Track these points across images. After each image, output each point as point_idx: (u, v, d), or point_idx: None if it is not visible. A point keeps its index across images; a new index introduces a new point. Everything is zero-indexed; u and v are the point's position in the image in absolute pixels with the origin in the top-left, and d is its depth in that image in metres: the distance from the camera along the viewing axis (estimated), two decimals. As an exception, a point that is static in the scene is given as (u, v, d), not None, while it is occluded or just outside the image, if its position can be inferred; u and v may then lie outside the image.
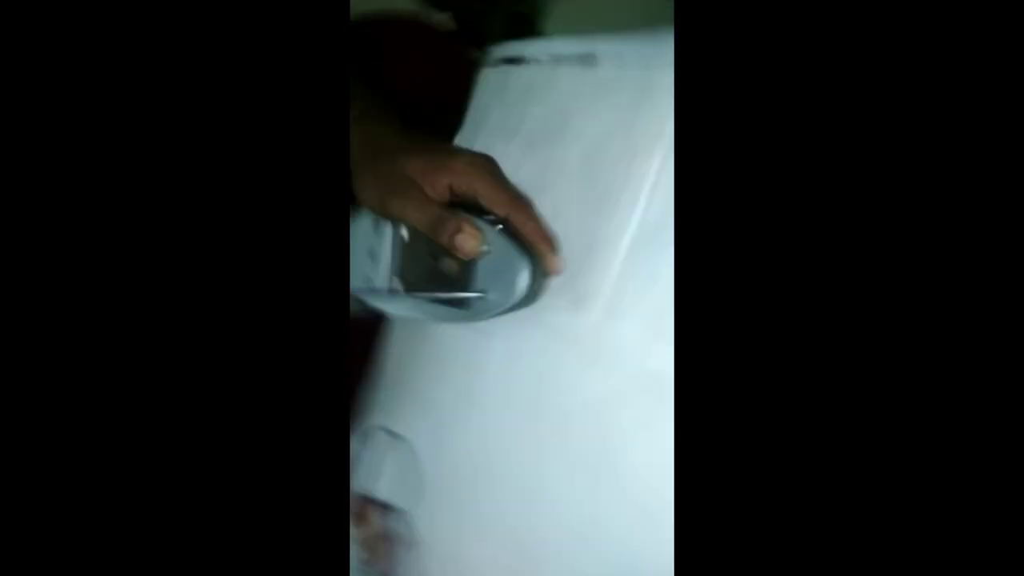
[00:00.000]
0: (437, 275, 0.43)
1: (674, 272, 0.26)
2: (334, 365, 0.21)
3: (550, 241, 0.40)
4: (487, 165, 0.41)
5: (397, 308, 0.45)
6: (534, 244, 0.39)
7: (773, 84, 0.18)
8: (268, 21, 0.20)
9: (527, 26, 0.63)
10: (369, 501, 0.41)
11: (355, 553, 0.41)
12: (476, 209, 0.41)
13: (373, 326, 0.59)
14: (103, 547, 0.18)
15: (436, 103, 0.51)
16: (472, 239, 0.38)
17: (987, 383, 0.17)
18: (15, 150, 0.18)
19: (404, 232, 0.45)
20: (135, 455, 0.19)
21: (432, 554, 0.37)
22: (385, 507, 0.40)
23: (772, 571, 0.18)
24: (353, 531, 0.41)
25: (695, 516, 0.18)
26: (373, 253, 0.46)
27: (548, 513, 0.33)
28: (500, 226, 0.41)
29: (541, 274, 0.40)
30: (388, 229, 0.45)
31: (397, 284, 0.45)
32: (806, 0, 0.18)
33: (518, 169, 0.45)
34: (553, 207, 0.40)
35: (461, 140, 0.49)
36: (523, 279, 0.38)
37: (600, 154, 0.37)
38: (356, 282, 0.47)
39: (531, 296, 0.39)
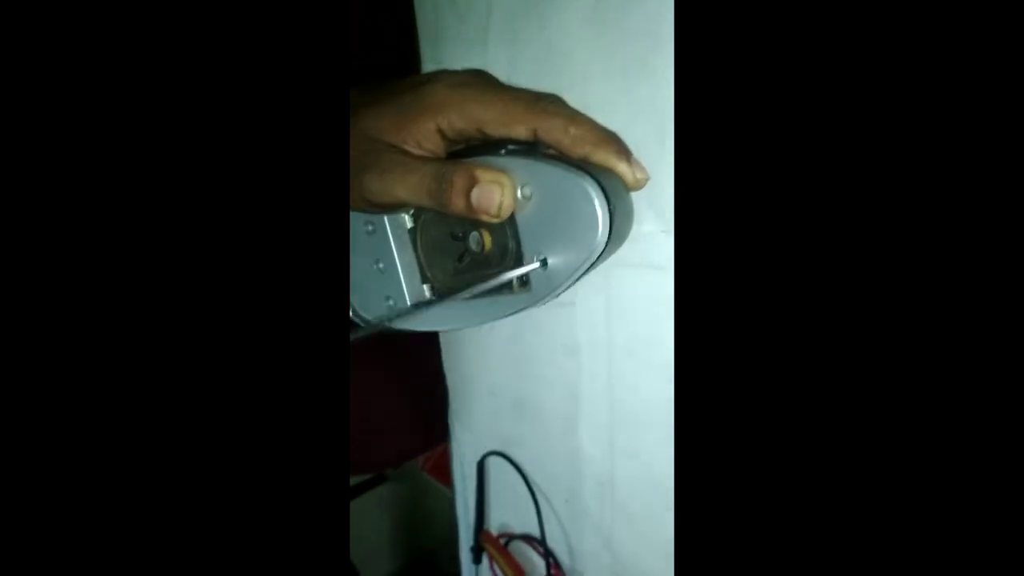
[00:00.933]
0: (473, 260, 0.30)
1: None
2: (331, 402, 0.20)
3: (614, 142, 0.26)
4: (475, 79, 0.27)
5: (437, 322, 0.33)
6: (592, 155, 0.26)
7: (773, 83, 0.18)
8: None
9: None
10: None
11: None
12: (489, 145, 0.28)
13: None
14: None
15: (374, 39, 0.38)
16: (495, 187, 0.25)
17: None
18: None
19: (407, 220, 0.32)
20: (121, 480, 0.19)
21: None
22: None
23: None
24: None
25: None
26: (381, 263, 0.33)
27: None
28: (532, 154, 0.27)
29: (620, 195, 0.26)
30: (386, 226, 0.32)
31: (426, 292, 0.32)
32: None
33: (512, 71, 0.32)
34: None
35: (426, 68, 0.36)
36: (598, 212, 0.24)
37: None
38: (373, 307, 0.34)
39: (617, 234, 0.25)
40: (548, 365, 0.40)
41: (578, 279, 0.27)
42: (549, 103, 0.26)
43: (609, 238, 0.25)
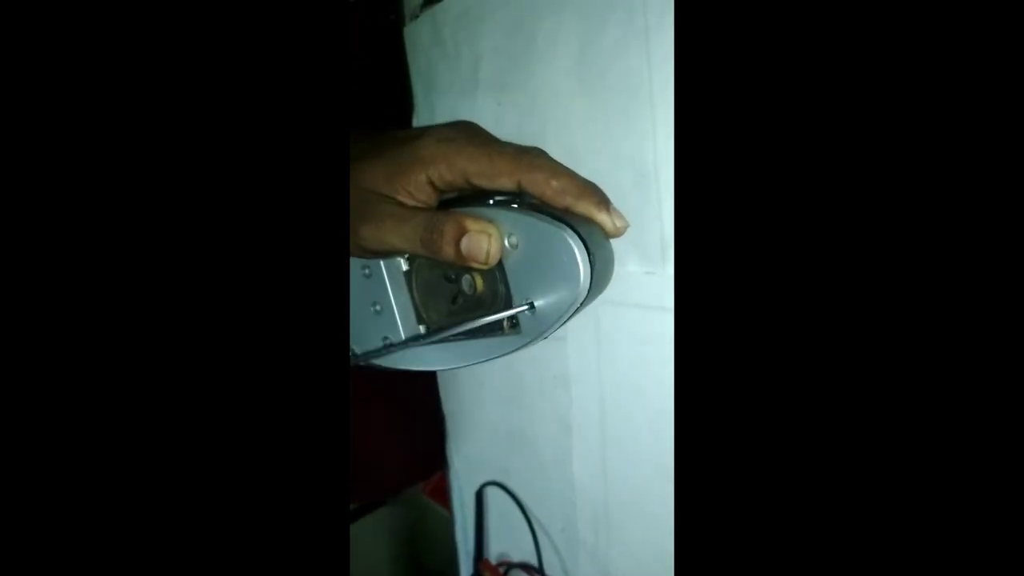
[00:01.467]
0: (465, 303, 0.31)
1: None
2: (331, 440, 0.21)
3: (595, 193, 0.28)
4: (463, 133, 0.29)
5: (432, 362, 0.34)
6: (574, 206, 0.27)
7: (773, 82, 0.18)
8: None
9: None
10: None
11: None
12: (478, 195, 0.29)
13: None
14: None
15: (369, 88, 0.39)
16: (483, 236, 0.26)
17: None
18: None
19: (402, 263, 0.33)
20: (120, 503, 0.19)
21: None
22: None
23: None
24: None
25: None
26: (378, 305, 0.34)
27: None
28: (518, 204, 0.28)
29: (600, 243, 0.27)
30: (382, 269, 0.34)
31: (421, 332, 0.34)
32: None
33: (500, 122, 0.33)
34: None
35: (417, 120, 0.38)
36: (579, 262, 0.26)
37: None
38: (370, 346, 0.36)
39: (598, 280, 0.27)
40: (541, 397, 0.41)
41: (565, 322, 0.28)
42: (533, 157, 0.27)
43: (591, 285, 0.26)
